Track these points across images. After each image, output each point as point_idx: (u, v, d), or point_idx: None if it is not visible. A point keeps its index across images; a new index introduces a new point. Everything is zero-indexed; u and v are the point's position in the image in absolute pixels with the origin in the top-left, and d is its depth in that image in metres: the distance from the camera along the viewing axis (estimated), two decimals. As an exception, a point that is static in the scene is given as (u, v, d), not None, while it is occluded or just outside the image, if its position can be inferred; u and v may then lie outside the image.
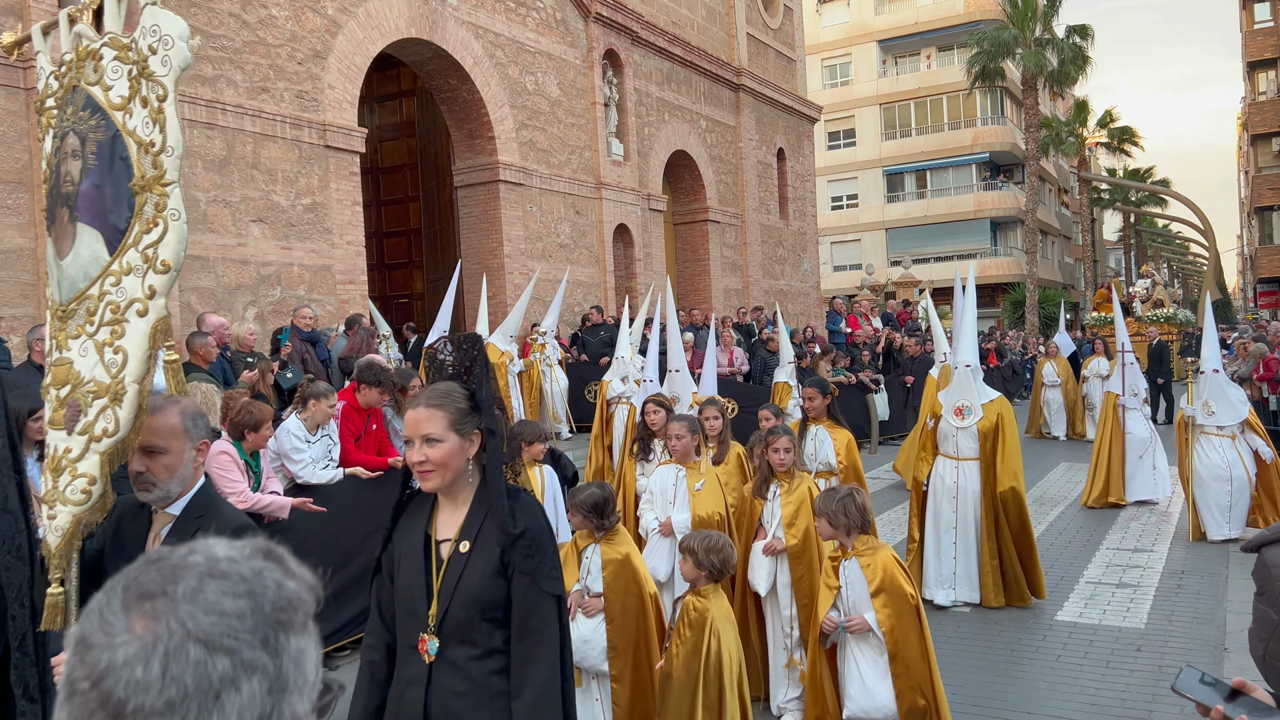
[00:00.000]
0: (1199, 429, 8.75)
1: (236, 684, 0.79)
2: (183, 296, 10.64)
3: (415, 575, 2.46)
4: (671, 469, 5.39)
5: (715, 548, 3.92)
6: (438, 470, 2.41)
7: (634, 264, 18.97)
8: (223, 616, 0.81)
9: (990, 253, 45.30)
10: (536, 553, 2.39)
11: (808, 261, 26.28)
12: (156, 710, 0.76)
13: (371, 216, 16.44)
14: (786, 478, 5.14)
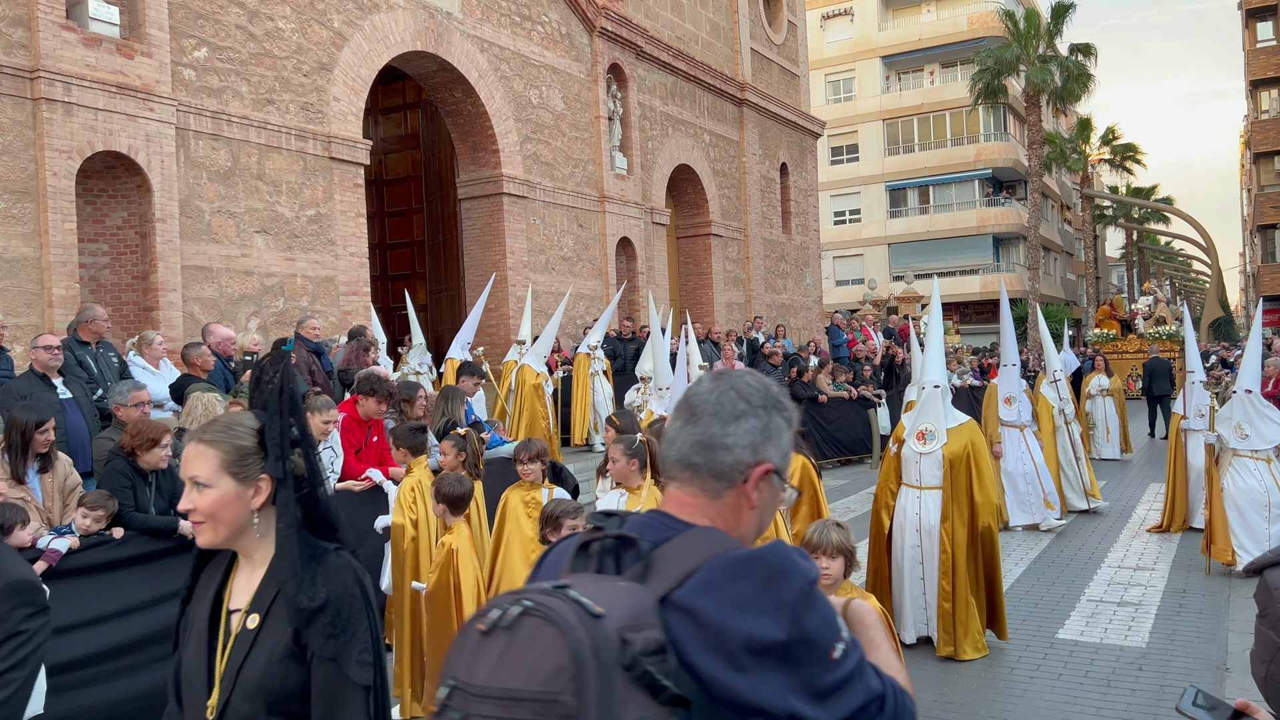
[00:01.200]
0: (1231, 452, 8.25)
1: (745, 416, 1.50)
2: (186, 307, 10.66)
3: (198, 653, 1.99)
4: (615, 494, 5.05)
5: None
6: (207, 522, 1.98)
7: (637, 277, 19.00)
8: (748, 385, 1.54)
9: (993, 268, 45.32)
10: (342, 631, 1.89)
11: (810, 276, 26.31)
12: (707, 409, 1.50)
13: (375, 228, 16.47)
14: None
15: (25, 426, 5.39)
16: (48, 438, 5.49)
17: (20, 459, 5.40)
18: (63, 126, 9.50)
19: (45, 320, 9.28)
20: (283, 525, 1.94)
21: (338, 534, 2.02)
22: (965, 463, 6.37)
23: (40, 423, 5.44)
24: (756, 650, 1.28)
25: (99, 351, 7.91)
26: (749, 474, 1.47)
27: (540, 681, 1.19)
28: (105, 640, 5.08)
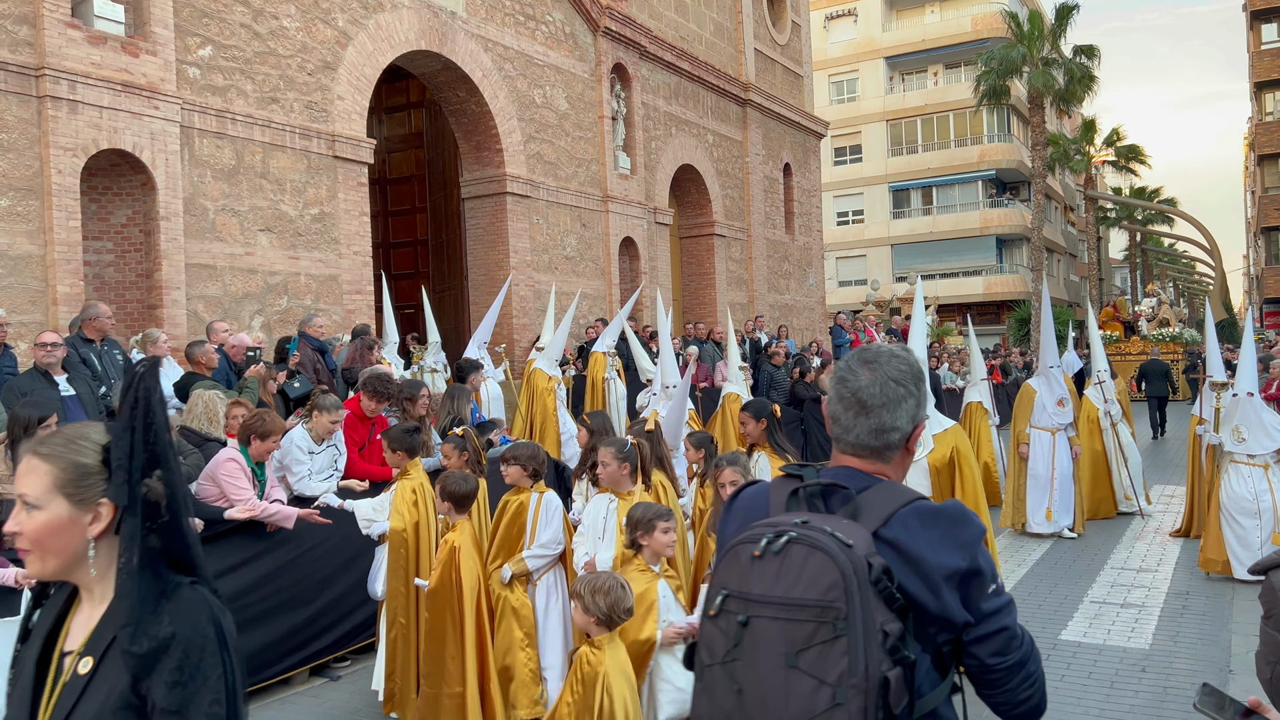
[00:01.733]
0: (1227, 456, 8.04)
1: (905, 399, 1.89)
2: (190, 305, 10.67)
3: (21, 700, 1.72)
4: (604, 499, 4.82)
5: (602, 589, 3.52)
6: (34, 551, 1.68)
7: (639, 277, 19.00)
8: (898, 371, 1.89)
9: (996, 270, 45.29)
10: (190, 679, 1.61)
11: (813, 276, 26.30)
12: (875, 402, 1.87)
13: (379, 227, 16.49)
14: None
15: (27, 423, 5.39)
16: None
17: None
18: (68, 124, 9.51)
19: (50, 318, 9.30)
20: (123, 561, 1.64)
21: (197, 568, 1.75)
22: (950, 469, 6.23)
23: (42, 419, 5.43)
24: (945, 577, 1.75)
25: (104, 349, 7.92)
26: (911, 439, 1.94)
27: (818, 592, 1.64)
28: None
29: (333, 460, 6.52)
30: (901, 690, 1.64)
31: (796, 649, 1.65)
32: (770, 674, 1.66)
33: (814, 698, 1.63)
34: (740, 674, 1.70)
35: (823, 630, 1.64)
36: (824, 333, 24.55)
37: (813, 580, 1.65)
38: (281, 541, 5.93)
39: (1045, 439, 10.01)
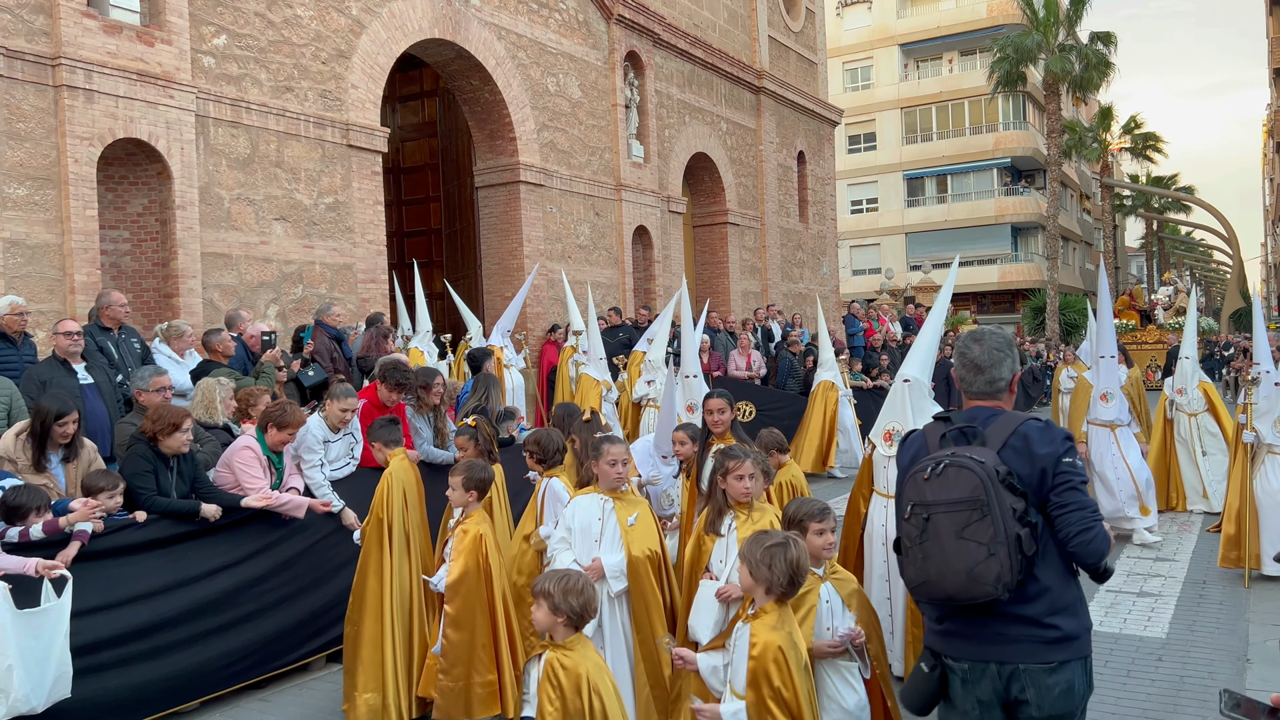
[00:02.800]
0: (1267, 448, 7.48)
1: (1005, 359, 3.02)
2: (206, 294, 10.72)
3: None
4: (595, 500, 4.51)
5: (575, 589, 3.33)
6: None
7: (653, 266, 18.98)
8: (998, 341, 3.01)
9: (1011, 258, 45.07)
10: None
11: (827, 265, 26.22)
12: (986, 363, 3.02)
13: (392, 216, 16.49)
14: (745, 509, 4.27)
15: (46, 416, 5.43)
16: (67, 430, 5.51)
17: (40, 449, 5.44)
18: (84, 114, 9.55)
19: (67, 306, 9.35)
20: None
21: None
22: None
23: (60, 414, 5.47)
24: (1050, 465, 2.82)
25: (121, 337, 7.96)
26: (1012, 383, 3.06)
27: (968, 493, 2.73)
28: (129, 622, 5.13)
29: (349, 448, 6.55)
30: (1031, 541, 2.76)
31: (961, 527, 2.75)
32: (948, 544, 2.76)
33: (975, 554, 2.73)
34: (929, 549, 2.81)
35: (975, 514, 2.74)
36: (837, 321, 24.49)
37: (964, 486, 2.78)
38: (298, 529, 5.96)
39: (1103, 435, 9.06)
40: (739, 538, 4.10)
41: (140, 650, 5.16)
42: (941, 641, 2.94)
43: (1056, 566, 2.84)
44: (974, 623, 2.85)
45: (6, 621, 4.41)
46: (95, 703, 4.87)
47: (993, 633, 2.83)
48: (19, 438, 5.46)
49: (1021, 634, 2.82)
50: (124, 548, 5.22)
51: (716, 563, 4.24)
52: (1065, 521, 2.81)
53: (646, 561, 4.41)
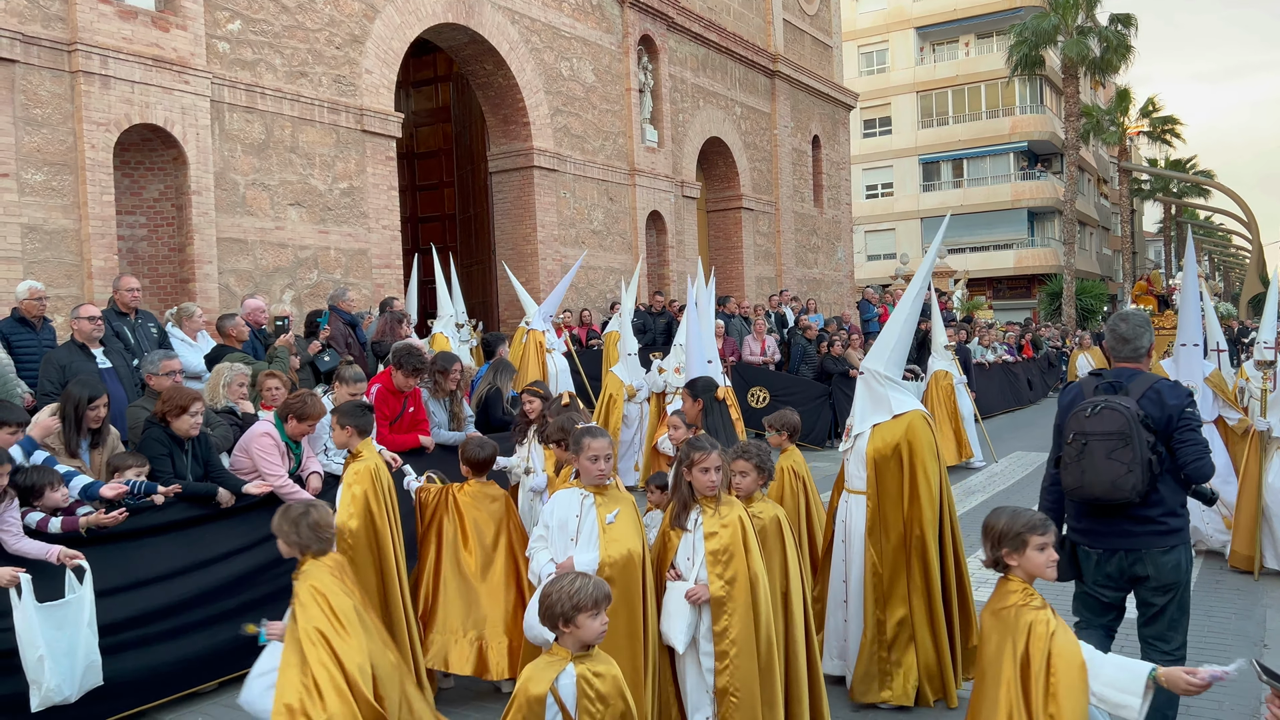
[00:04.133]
0: (1275, 442, 7.13)
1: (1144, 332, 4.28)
2: (221, 279, 10.77)
3: None
4: (575, 494, 4.21)
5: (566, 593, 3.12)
6: None
7: (667, 251, 18.94)
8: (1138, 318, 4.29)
9: (1027, 243, 44.78)
10: None
11: (841, 250, 26.12)
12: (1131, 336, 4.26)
13: (407, 202, 16.52)
14: (712, 503, 4.05)
15: (78, 401, 5.48)
16: (98, 414, 5.56)
17: (74, 433, 5.49)
18: (100, 99, 9.58)
19: (85, 291, 9.41)
20: None
21: None
22: (896, 463, 5.02)
23: (92, 398, 5.52)
24: (1175, 413, 3.98)
25: (137, 322, 8.01)
26: (1149, 351, 4.23)
27: (1117, 427, 3.92)
28: (148, 603, 5.18)
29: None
30: (1158, 465, 3.94)
31: (1110, 451, 3.92)
32: (1099, 463, 3.93)
33: (1118, 470, 3.89)
34: (1085, 464, 3.97)
35: (1120, 443, 3.91)
36: (851, 307, 24.40)
37: (1114, 422, 3.94)
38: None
39: None
40: (705, 533, 3.99)
41: (159, 631, 5.20)
42: (1080, 535, 4.19)
43: (1170, 485, 4.02)
44: (1106, 521, 4.07)
45: (31, 614, 4.46)
46: (116, 682, 4.92)
47: (1121, 529, 4.05)
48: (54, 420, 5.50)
49: (1143, 529, 4.01)
50: (142, 530, 5.26)
51: (683, 560, 4.04)
52: (1184, 452, 3.98)
53: (624, 563, 4.01)
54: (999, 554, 3.26)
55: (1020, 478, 11.87)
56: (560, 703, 3.01)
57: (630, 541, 4.07)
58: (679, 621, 3.96)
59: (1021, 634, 3.11)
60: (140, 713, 5.16)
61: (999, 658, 3.16)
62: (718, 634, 3.93)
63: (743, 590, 3.90)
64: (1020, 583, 3.22)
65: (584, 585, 3.07)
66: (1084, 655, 3.07)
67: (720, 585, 3.92)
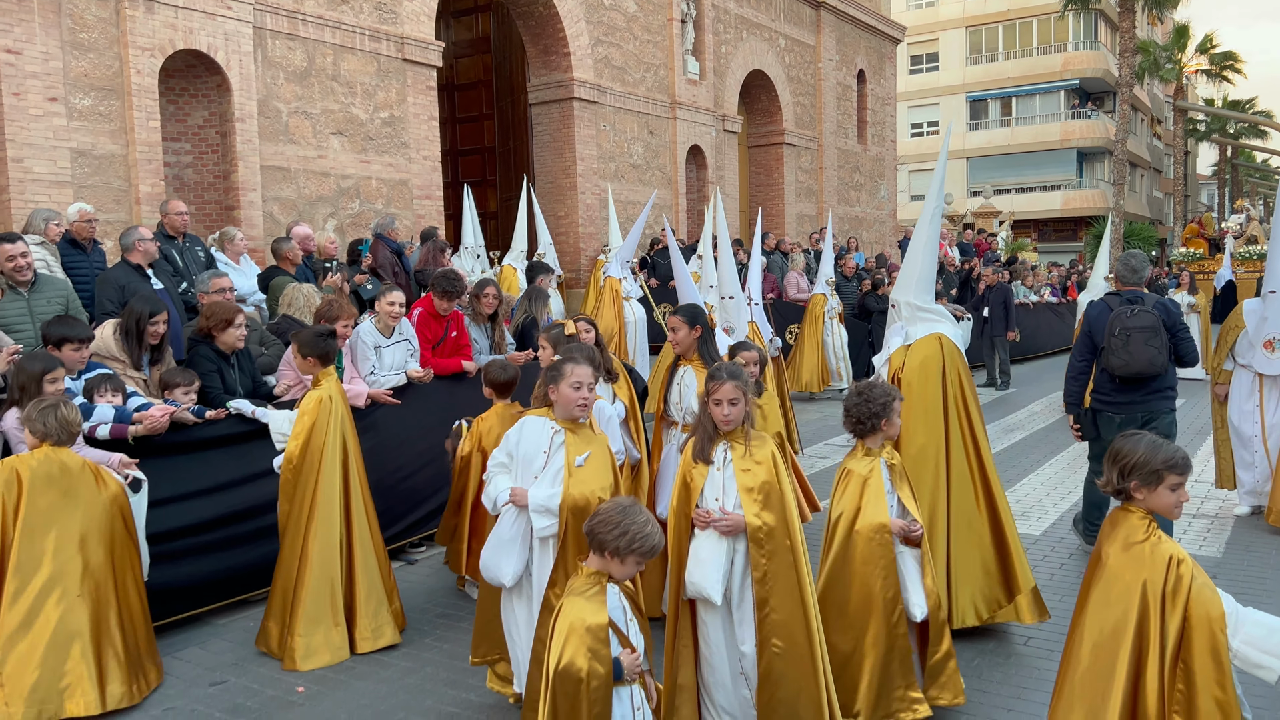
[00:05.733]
0: None
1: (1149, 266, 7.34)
2: (265, 207, 10.87)
3: None
4: (546, 427, 3.81)
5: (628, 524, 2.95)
6: None
7: (706, 187, 18.78)
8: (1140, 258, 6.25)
9: (1075, 184, 43.79)
10: None
11: (885, 188, 25.73)
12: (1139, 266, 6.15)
13: (446, 134, 16.47)
14: (740, 438, 3.70)
15: (139, 316, 5.60)
16: (158, 329, 5.67)
17: (136, 347, 5.61)
18: (145, 24, 9.61)
19: (133, 216, 9.55)
20: None
21: None
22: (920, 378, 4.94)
23: (153, 313, 5.64)
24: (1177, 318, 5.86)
25: (185, 246, 8.13)
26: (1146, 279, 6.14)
27: (1151, 323, 5.72)
28: (199, 514, 5.34)
29: (407, 354, 6.65)
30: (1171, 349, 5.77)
31: (1146, 340, 5.66)
32: (1138, 349, 5.66)
33: (1151, 353, 5.65)
34: (1130, 349, 5.67)
35: (1153, 334, 5.67)
36: (893, 246, 24.12)
37: (1149, 320, 5.71)
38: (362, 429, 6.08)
39: (1245, 380, 7.27)
40: (736, 471, 3.63)
41: (210, 541, 5.37)
42: (1106, 405, 5.93)
43: (1172, 367, 5.84)
44: (1133, 391, 5.83)
45: (87, 513, 4.62)
46: (170, 587, 5.11)
47: (1142, 396, 5.82)
48: (114, 336, 5.62)
49: (1156, 396, 5.82)
50: (194, 443, 5.40)
51: (711, 501, 3.62)
52: (1183, 344, 5.83)
53: (585, 506, 3.58)
54: (1127, 484, 2.98)
55: (1059, 417, 11.78)
56: (615, 626, 2.92)
57: (598, 483, 3.69)
58: (713, 569, 3.54)
59: (1160, 568, 2.87)
60: (191, 617, 5.36)
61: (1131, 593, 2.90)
62: (757, 580, 3.54)
63: (782, 529, 3.55)
64: (1144, 516, 2.97)
65: (653, 532, 2.93)
66: (1226, 606, 2.81)
67: (759, 524, 3.54)
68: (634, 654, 2.96)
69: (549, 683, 2.84)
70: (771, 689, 3.50)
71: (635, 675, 2.96)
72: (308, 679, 4.66)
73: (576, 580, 3.00)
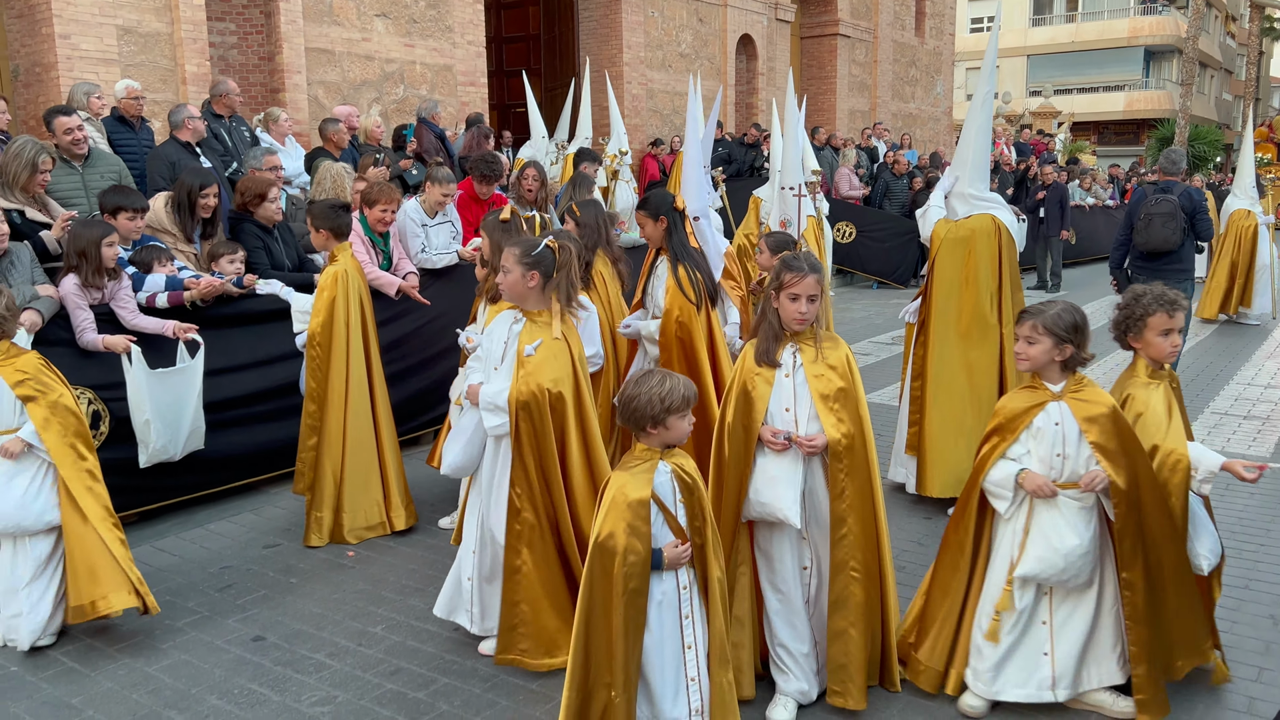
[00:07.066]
0: None
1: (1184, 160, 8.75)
2: (310, 90, 10.78)
3: None
4: (509, 316, 3.57)
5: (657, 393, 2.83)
6: None
7: (756, 78, 18.29)
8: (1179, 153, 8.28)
9: (1141, 85, 42.06)
10: None
11: (940, 85, 24.88)
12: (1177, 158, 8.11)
13: (491, 20, 16.11)
14: (809, 339, 3.26)
15: (191, 189, 5.63)
16: (208, 202, 5.70)
17: (188, 218, 5.65)
18: (187, -103, 9.42)
19: (179, 96, 9.53)
20: None
21: None
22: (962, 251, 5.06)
23: (204, 186, 5.66)
24: (1199, 202, 7.44)
25: (233, 125, 8.12)
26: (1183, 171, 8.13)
27: (1169, 209, 7.12)
28: (249, 385, 5.46)
29: (450, 235, 6.65)
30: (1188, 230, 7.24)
31: (1165, 222, 7.08)
32: (1156, 229, 7.09)
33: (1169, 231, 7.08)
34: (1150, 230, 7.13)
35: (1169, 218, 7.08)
36: (948, 145, 23.46)
37: (1168, 206, 7.10)
38: (407, 311, 6.13)
39: None
40: (809, 377, 3.20)
41: (259, 412, 5.50)
42: (1138, 270, 7.22)
43: (1189, 244, 7.27)
44: (1155, 261, 7.16)
45: (141, 380, 4.74)
46: (221, 455, 5.27)
47: (1159, 267, 7.08)
48: (166, 209, 5.67)
49: (1173, 269, 7.08)
50: (245, 315, 5.48)
51: (780, 413, 3.20)
52: (1201, 223, 7.29)
53: (532, 400, 3.37)
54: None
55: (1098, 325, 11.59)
56: (660, 502, 2.84)
57: (546, 376, 3.40)
58: (788, 489, 3.15)
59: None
60: (245, 485, 5.53)
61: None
62: (834, 496, 3.19)
63: (860, 442, 3.19)
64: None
65: (674, 387, 2.84)
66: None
67: (838, 436, 3.14)
68: (681, 547, 2.86)
69: (590, 553, 2.84)
70: (845, 616, 3.19)
71: (678, 566, 2.88)
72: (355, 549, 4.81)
73: (630, 456, 2.93)
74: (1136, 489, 3.10)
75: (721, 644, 2.93)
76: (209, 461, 5.21)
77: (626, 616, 2.77)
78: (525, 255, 3.41)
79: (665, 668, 2.86)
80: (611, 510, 2.83)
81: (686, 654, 2.88)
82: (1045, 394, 3.19)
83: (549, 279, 3.46)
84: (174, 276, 5.11)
